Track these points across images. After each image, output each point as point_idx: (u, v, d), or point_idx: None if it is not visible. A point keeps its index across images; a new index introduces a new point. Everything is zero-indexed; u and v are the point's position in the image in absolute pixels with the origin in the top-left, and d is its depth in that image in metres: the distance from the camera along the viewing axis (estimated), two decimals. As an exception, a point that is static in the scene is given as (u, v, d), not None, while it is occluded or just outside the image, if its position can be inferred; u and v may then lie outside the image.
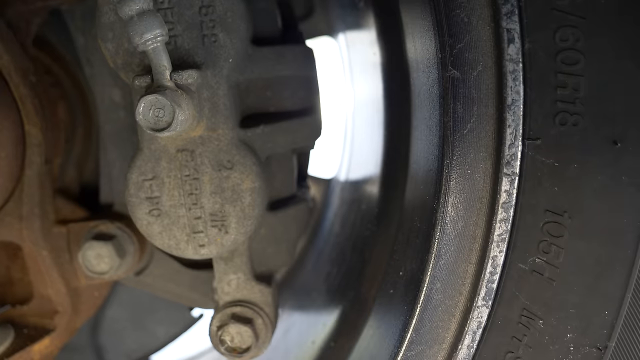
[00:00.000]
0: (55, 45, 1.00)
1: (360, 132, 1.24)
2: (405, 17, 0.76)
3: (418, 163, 0.74)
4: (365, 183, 1.13)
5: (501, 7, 0.61)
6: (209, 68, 0.74)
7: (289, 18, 0.96)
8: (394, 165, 0.94)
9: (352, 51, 1.23)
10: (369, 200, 1.00)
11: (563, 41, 0.60)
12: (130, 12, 0.65)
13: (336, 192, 1.25)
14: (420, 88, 0.71)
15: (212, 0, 0.73)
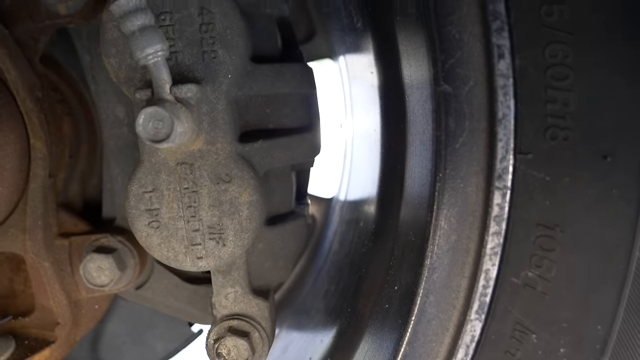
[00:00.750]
0: (62, 64, 1.03)
1: (359, 151, 1.25)
2: (399, 35, 0.77)
3: (413, 178, 0.75)
4: (363, 201, 1.13)
5: (491, 23, 0.62)
6: (209, 83, 0.76)
7: (289, 38, 0.98)
8: (390, 182, 0.94)
9: (352, 72, 1.25)
10: (366, 217, 1.00)
11: (552, 57, 0.62)
12: (132, 28, 0.67)
13: (336, 211, 1.25)
14: (415, 104, 0.72)
15: (212, 17, 0.75)
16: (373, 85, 1.04)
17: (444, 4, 0.63)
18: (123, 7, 0.67)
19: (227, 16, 0.75)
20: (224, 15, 0.75)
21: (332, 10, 1.17)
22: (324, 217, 1.30)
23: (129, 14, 0.67)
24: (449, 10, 0.64)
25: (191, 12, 0.75)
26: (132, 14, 0.67)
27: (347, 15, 1.09)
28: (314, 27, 1.27)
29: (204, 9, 0.75)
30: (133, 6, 0.67)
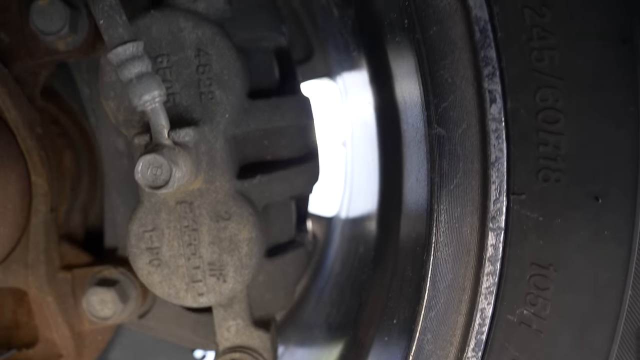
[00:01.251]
0: (62, 96, 1.04)
1: (360, 170, 1.26)
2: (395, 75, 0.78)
3: (410, 212, 0.76)
4: (363, 224, 1.15)
5: (482, 69, 0.63)
6: (206, 124, 0.77)
7: (287, 66, 0.99)
8: (389, 214, 0.96)
9: (350, 92, 1.26)
10: (366, 241, 1.02)
11: (543, 101, 0.63)
12: (129, 75, 0.68)
13: (337, 230, 1.27)
14: (410, 141, 0.73)
15: (208, 59, 0.76)
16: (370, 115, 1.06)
17: (436, 49, 0.64)
18: (120, 56, 0.68)
19: (224, 57, 0.76)
20: (220, 57, 0.76)
21: (328, 34, 1.18)
22: (325, 236, 1.31)
23: (125, 62, 0.68)
24: (441, 55, 0.65)
25: (188, 54, 0.76)
26: (129, 62, 0.68)
27: (344, 42, 1.10)
28: (312, 47, 1.28)
29: (201, 50, 0.76)
30: (130, 54, 0.68)
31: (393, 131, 0.80)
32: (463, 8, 0.63)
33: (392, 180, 0.87)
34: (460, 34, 0.64)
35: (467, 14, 0.62)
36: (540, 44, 0.61)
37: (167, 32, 0.76)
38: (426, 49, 0.65)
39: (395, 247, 0.80)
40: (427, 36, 0.64)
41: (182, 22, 0.76)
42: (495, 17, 0.62)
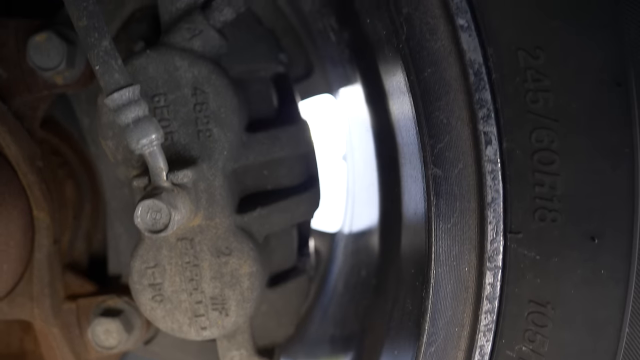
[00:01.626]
0: (62, 125, 1.04)
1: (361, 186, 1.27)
2: (389, 94, 0.79)
3: (409, 249, 0.76)
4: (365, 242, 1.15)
5: (477, 111, 0.63)
6: (205, 161, 0.77)
7: (285, 90, 0.99)
8: (389, 232, 0.97)
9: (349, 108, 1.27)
10: (368, 264, 1.02)
11: (539, 142, 0.63)
12: (126, 120, 0.69)
13: (340, 246, 1.27)
14: (407, 177, 0.74)
15: (205, 97, 0.77)
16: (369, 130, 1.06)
17: (431, 90, 0.64)
18: (117, 101, 0.68)
19: (220, 95, 0.76)
20: (217, 95, 0.76)
21: (327, 53, 1.18)
22: (328, 251, 1.32)
23: (122, 107, 0.68)
24: (436, 96, 0.65)
25: (185, 93, 0.77)
26: (126, 107, 0.68)
27: (341, 62, 1.10)
28: (312, 64, 1.27)
29: (197, 89, 0.76)
30: (126, 99, 0.68)
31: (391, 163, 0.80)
32: (457, 50, 0.63)
33: (391, 210, 0.87)
34: (455, 75, 0.64)
35: (461, 56, 0.62)
36: (535, 86, 0.62)
37: (163, 71, 0.76)
38: (421, 91, 0.65)
39: (396, 277, 0.80)
40: (422, 78, 0.64)
41: (178, 61, 0.76)
42: (490, 59, 0.62)
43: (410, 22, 0.63)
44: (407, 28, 0.63)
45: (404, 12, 0.63)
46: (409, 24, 0.63)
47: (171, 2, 0.79)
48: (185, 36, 0.77)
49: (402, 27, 0.63)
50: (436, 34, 0.63)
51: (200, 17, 0.76)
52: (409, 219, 0.79)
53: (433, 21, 0.63)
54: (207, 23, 0.76)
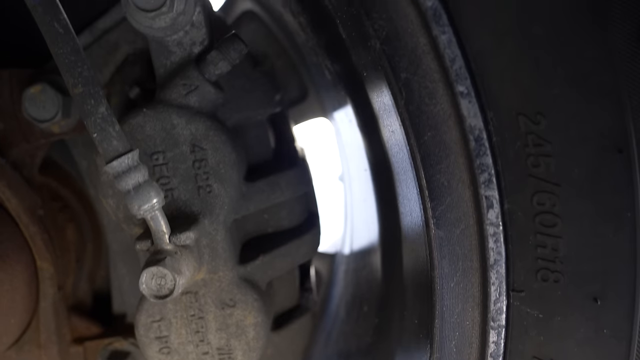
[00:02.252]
0: (60, 165, 1.04)
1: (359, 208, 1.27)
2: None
3: (412, 304, 0.77)
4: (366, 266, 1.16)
5: (478, 176, 0.63)
6: (206, 217, 0.77)
7: (282, 127, 0.99)
8: (390, 260, 0.97)
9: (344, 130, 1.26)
10: (369, 300, 1.03)
11: (540, 205, 0.63)
12: (127, 187, 0.68)
13: (341, 270, 1.28)
14: (409, 233, 0.74)
15: (204, 154, 0.76)
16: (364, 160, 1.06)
17: (431, 153, 0.64)
18: (116, 168, 0.68)
19: (219, 151, 0.76)
20: (216, 151, 0.76)
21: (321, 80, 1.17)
22: (329, 273, 1.33)
23: (122, 174, 0.68)
24: (436, 160, 0.65)
25: (183, 150, 0.76)
26: (125, 174, 0.68)
27: (336, 91, 1.10)
28: (306, 88, 1.27)
29: (196, 146, 0.76)
30: (126, 166, 0.68)
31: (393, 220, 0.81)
32: (457, 115, 0.62)
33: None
34: (455, 139, 0.63)
35: (461, 122, 0.62)
36: (536, 151, 0.61)
37: (161, 129, 0.76)
38: (421, 154, 0.64)
39: (399, 325, 0.81)
40: (422, 142, 0.64)
41: (175, 119, 0.75)
42: (490, 122, 0.62)
43: (409, 86, 0.63)
44: (406, 92, 0.63)
45: (402, 77, 0.62)
46: (408, 89, 0.63)
47: (165, 56, 0.78)
48: (181, 92, 0.76)
49: (401, 92, 0.63)
50: (435, 98, 0.63)
51: (196, 73, 0.76)
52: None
53: (432, 85, 0.62)
54: (202, 78, 0.76)
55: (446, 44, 0.60)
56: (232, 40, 0.76)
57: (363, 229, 1.23)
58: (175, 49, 0.77)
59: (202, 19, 0.77)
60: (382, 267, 1.06)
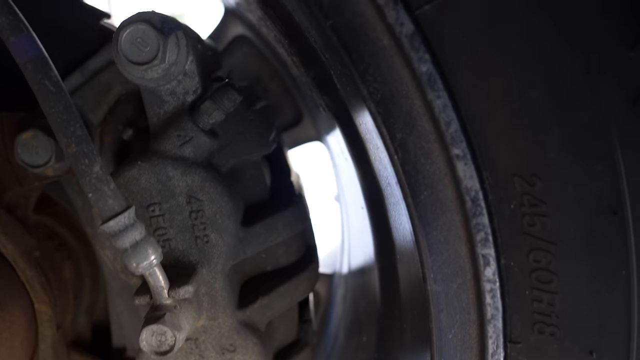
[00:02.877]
0: (55, 201, 1.04)
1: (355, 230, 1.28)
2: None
3: (412, 343, 0.78)
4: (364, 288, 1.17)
5: (475, 235, 0.63)
6: (204, 266, 0.78)
7: (278, 163, 0.99)
8: (388, 283, 0.98)
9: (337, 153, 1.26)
10: (369, 332, 1.04)
11: (536, 262, 0.63)
12: (124, 245, 0.68)
13: (339, 293, 1.29)
14: (406, 287, 0.75)
15: (200, 205, 0.76)
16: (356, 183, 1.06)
17: (428, 212, 0.64)
18: (112, 228, 0.68)
19: (215, 201, 0.76)
20: (212, 201, 0.76)
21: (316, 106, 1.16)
22: (327, 293, 1.34)
23: (119, 233, 0.68)
24: (433, 217, 0.65)
25: (179, 201, 0.76)
26: (122, 233, 0.68)
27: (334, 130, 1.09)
28: (301, 111, 1.26)
29: (192, 197, 0.76)
30: (122, 225, 0.68)
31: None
32: (452, 175, 0.62)
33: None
34: (451, 197, 0.64)
35: (457, 183, 0.62)
36: (532, 210, 0.62)
37: (156, 181, 0.75)
38: (418, 213, 0.65)
39: None
40: (419, 201, 0.64)
41: (170, 171, 0.75)
42: (486, 181, 0.62)
43: (405, 147, 0.63)
44: (402, 153, 0.63)
45: (398, 138, 0.62)
46: (404, 149, 0.63)
47: (159, 106, 0.77)
48: (176, 143, 0.76)
49: (397, 152, 0.63)
50: (431, 158, 0.63)
51: (190, 124, 0.75)
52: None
53: (427, 146, 0.62)
54: (196, 129, 0.75)
55: (441, 108, 0.60)
56: (226, 89, 0.75)
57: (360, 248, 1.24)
58: (169, 98, 0.77)
59: (194, 68, 0.76)
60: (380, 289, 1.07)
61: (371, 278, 1.14)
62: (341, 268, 1.35)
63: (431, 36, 0.58)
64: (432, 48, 0.58)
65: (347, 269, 1.31)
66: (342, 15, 0.59)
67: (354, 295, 1.22)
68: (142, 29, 0.72)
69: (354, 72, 0.61)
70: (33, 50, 0.68)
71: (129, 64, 0.73)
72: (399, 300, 0.87)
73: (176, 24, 0.75)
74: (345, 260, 1.34)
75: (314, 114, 1.25)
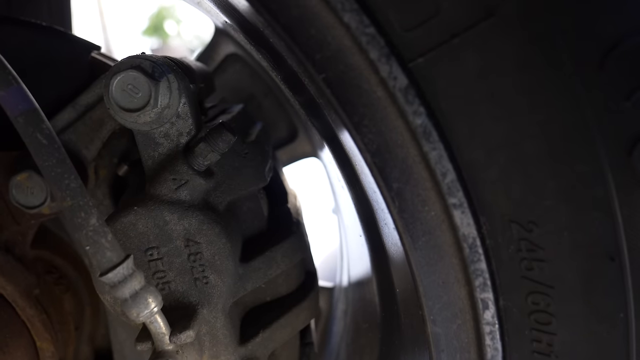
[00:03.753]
0: (52, 232, 1.03)
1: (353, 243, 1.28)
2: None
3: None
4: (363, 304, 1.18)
5: (474, 280, 0.64)
6: (204, 307, 0.78)
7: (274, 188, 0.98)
8: (386, 299, 0.99)
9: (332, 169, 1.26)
10: (370, 354, 1.05)
11: (535, 304, 0.64)
12: (123, 296, 0.68)
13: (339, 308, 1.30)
14: (406, 327, 0.75)
15: (198, 247, 0.76)
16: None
17: (426, 256, 0.65)
18: (112, 279, 0.67)
19: (213, 243, 0.76)
20: (210, 244, 0.76)
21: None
22: (328, 307, 1.34)
23: (118, 284, 0.68)
24: (431, 262, 0.65)
25: (177, 245, 0.76)
26: (122, 284, 0.68)
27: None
28: (296, 127, 1.26)
29: (190, 240, 0.76)
30: (121, 276, 0.67)
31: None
32: (449, 222, 0.63)
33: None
34: (449, 242, 0.64)
35: (454, 230, 0.62)
36: (530, 255, 0.62)
37: (153, 226, 0.75)
38: (414, 258, 0.65)
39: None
40: (417, 246, 0.64)
41: (167, 215, 0.75)
42: (483, 226, 0.62)
43: (402, 195, 0.62)
44: (399, 201, 0.63)
45: (395, 187, 0.62)
46: (400, 198, 0.63)
47: (153, 148, 0.77)
48: (171, 187, 0.75)
49: (394, 201, 0.63)
50: (428, 205, 0.63)
51: (185, 167, 0.75)
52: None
53: (424, 193, 0.62)
54: (191, 172, 0.75)
55: (437, 160, 0.60)
56: (220, 131, 0.75)
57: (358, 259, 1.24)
58: (162, 140, 0.76)
59: (187, 110, 0.75)
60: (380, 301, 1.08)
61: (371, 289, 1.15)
62: (341, 281, 1.36)
63: (425, 88, 0.58)
64: (426, 100, 0.58)
65: (347, 281, 1.32)
66: (335, 68, 0.58)
67: (354, 310, 1.23)
68: (133, 76, 0.71)
69: (348, 124, 0.61)
70: (24, 103, 0.67)
71: (121, 111, 0.72)
72: (398, 314, 0.87)
73: (167, 67, 0.74)
74: (345, 272, 1.35)
75: (309, 130, 1.24)
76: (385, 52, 0.55)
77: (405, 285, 0.73)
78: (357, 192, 0.92)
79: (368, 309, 1.15)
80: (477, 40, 0.54)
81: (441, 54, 0.56)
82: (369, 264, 1.11)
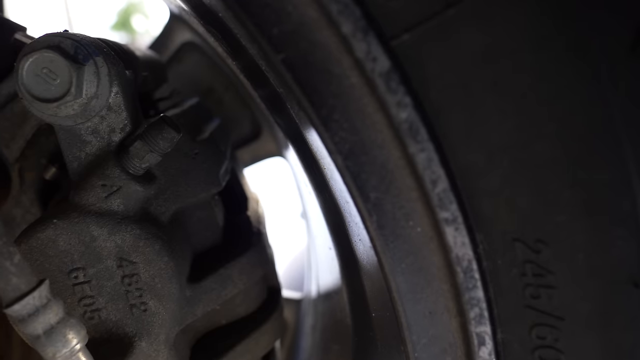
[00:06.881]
0: None
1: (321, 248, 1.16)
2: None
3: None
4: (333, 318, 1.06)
5: (468, 311, 0.52)
6: (143, 338, 0.65)
7: (233, 199, 0.86)
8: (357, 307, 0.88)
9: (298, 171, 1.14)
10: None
11: (540, 339, 0.53)
12: (36, 332, 0.55)
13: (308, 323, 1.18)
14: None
15: (134, 268, 0.63)
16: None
17: (410, 282, 0.53)
18: (19, 312, 0.54)
19: (152, 263, 0.63)
20: (148, 263, 0.63)
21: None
22: (295, 319, 1.22)
23: (27, 318, 0.54)
24: (417, 288, 0.53)
25: (108, 265, 0.62)
26: (33, 317, 0.54)
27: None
28: (259, 124, 1.13)
29: (123, 259, 0.62)
30: (32, 308, 0.54)
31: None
32: (439, 240, 0.51)
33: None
34: (439, 264, 0.52)
35: (445, 251, 0.51)
36: (537, 281, 0.51)
37: (78, 242, 0.62)
38: (396, 284, 0.53)
39: None
40: (400, 269, 0.52)
41: (95, 230, 0.61)
42: (480, 245, 0.51)
43: (381, 208, 0.50)
44: (378, 216, 0.51)
45: (372, 198, 0.50)
46: (379, 211, 0.51)
47: (79, 148, 0.63)
48: (101, 195, 0.62)
49: (371, 214, 0.51)
50: (413, 220, 0.51)
51: (117, 171, 0.61)
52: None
53: (409, 205, 0.50)
54: (125, 176, 0.62)
55: (426, 164, 0.48)
56: (160, 127, 0.61)
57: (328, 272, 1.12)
58: (90, 137, 0.63)
59: (120, 101, 0.62)
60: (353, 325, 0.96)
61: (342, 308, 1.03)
62: (309, 291, 1.24)
63: (412, 73, 0.46)
64: (413, 88, 0.46)
65: (316, 292, 1.20)
66: (297, 47, 0.46)
67: (324, 325, 1.11)
68: (50, 58, 0.57)
69: (314, 119, 0.48)
70: None
71: (35, 101, 0.58)
72: (374, 340, 0.76)
73: (94, 48, 0.60)
74: (313, 282, 1.23)
75: (274, 127, 1.12)
76: (361, 25, 0.43)
77: (384, 312, 0.61)
78: (327, 200, 0.80)
79: (339, 328, 1.03)
80: (479, 11, 0.42)
81: (433, 29, 0.44)
82: (340, 280, 0.99)
